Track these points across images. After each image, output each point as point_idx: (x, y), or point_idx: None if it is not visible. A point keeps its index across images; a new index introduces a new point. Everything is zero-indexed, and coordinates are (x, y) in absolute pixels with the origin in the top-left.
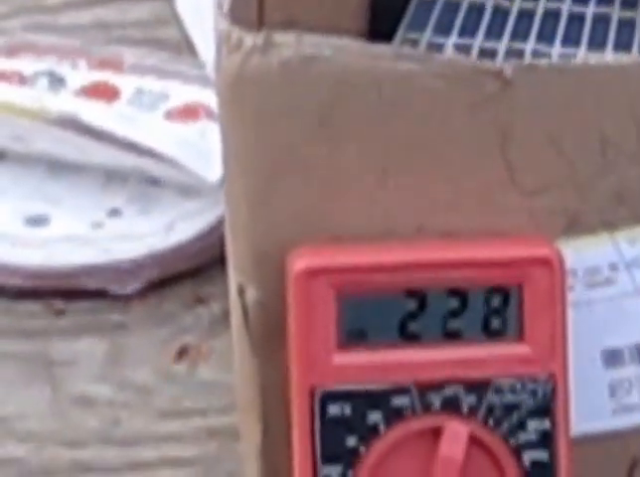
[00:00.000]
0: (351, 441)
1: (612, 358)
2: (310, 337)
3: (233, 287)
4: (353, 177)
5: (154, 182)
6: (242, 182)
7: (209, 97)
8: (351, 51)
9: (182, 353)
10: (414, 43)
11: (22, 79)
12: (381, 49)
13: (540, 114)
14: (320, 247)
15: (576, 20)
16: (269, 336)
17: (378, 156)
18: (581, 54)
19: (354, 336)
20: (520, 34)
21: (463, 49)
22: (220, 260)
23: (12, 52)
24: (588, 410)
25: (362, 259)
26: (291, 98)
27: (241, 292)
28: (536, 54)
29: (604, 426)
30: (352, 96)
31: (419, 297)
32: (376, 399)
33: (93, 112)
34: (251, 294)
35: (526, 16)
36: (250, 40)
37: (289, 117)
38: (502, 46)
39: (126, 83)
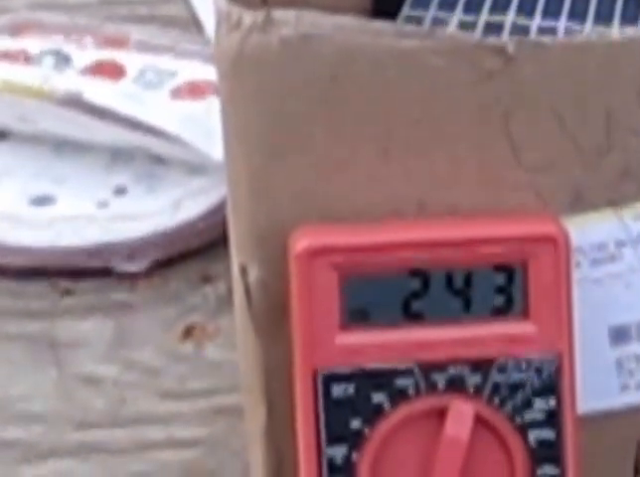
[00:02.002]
0: (355, 422)
1: (619, 335)
2: (312, 317)
3: (235, 267)
4: (354, 155)
5: (160, 160)
6: (243, 161)
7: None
8: (351, 28)
9: (188, 332)
10: (419, 20)
11: (27, 59)
12: (381, 26)
13: (543, 90)
14: (322, 227)
15: None
16: (272, 316)
17: (379, 134)
18: (588, 28)
19: (357, 316)
20: (525, 9)
21: (468, 25)
22: (226, 239)
23: (17, 30)
24: (595, 388)
25: (364, 239)
26: (291, 77)
27: (244, 272)
28: (541, 29)
29: (612, 404)
30: (353, 74)
31: (423, 276)
32: (379, 380)
33: (99, 91)
34: (254, 274)
35: None
36: (250, 18)
37: (290, 96)
38: (507, 21)
39: (132, 62)
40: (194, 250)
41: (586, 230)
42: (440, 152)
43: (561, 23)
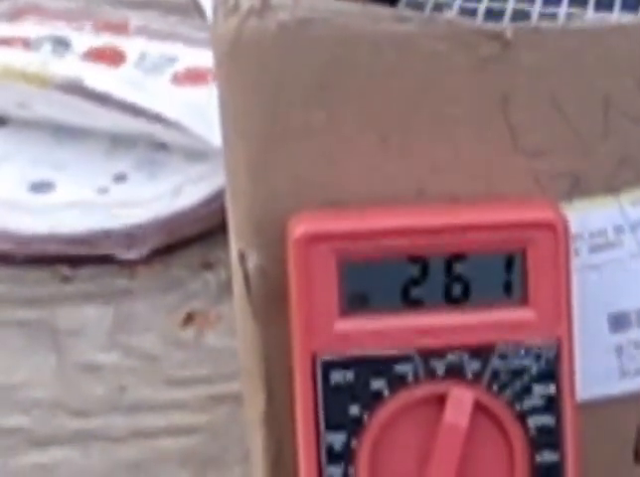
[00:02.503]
0: (354, 409)
1: (619, 321)
2: (311, 303)
3: (233, 253)
4: (353, 141)
5: (160, 147)
6: (241, 147)
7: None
8: (350, 13)
9: (189, 319)
10: (420, 5)
11: (26, 44)
12: (380, 11)
13: (541, 76)
14: (320, 213)
15: None
16: (271, 302)
17: (378, 120)
18: (589, 14)
19: (356, 302)
20: None
21: (469, 11)
22: (226, 225)
23: (16, 16)
24: (595, 375)
25: (363, 225)
26: (289, 62)
27: (242, 258)
28: (543, 15)
29: (611, 390)
30: (351, 59)
31: (422, 262)
32: (379, 366)
33: (99, 76)
34: (252, 260)
35: None
36: (247, 3)
37: (287, 81)
38: (508, 8)
39: (132, 47)
40: (194, 237)
41: (585, 216)
42: (439, 138)
43: (563, 9)
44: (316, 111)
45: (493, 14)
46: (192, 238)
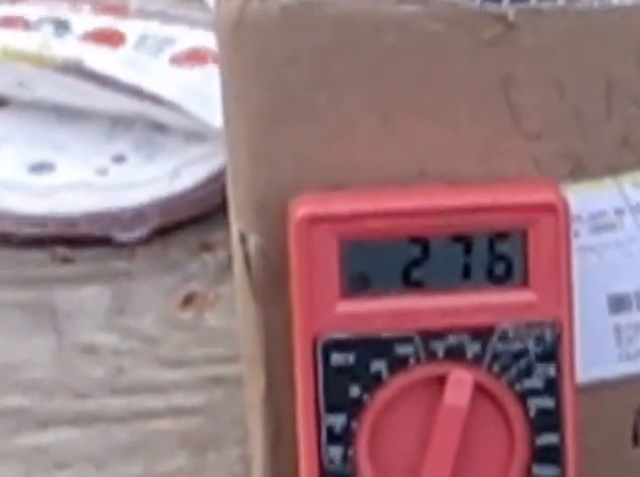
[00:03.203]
0: (354, 390)
1: (618, 303)
2: (312, 285)
3: (234, 235)
4: (354, 122)
5: (159, 128)
6: (243, 128)
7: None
8: None
9: (188, 300)
10: None
11: (26, 25)
12: None
13: (543, 58)
14: (321, 194)
15: None
16: (272, 283)
17: (379, 101)
18: None
19: (357, 283)
20: None
21: None
22: (225, 207)
23: None
24: (594, 357)
25: (364, 206)
26: (292, 43)
27: (243, 240)
28: None
29: (611, 373)
30: (353, 41)
31: (423, 244)
32: (379, 348)
33: (98, 58)
34: (253, 241)
35: None
36: None
37: (290, 62)
38: None
39: (131, 28)
40: (193, 218)
41: (586, 198)
42: (440, 119)
43: None
44: (318, 93)
45: None
46: (190, 219)
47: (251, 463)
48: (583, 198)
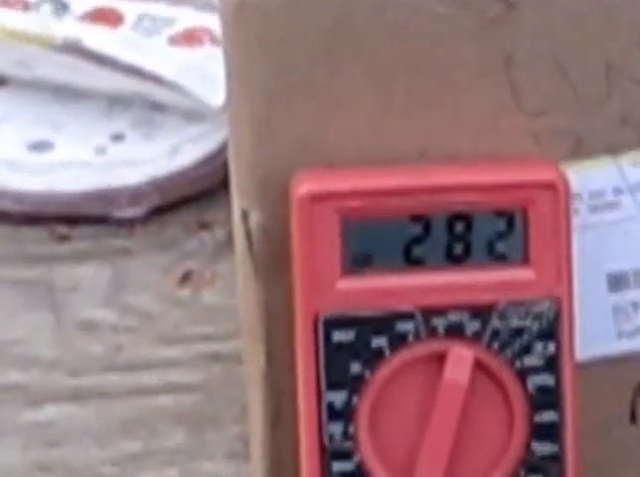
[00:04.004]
0: (355, 367)
1: (617, 281)
2: (314, 262)
3: (236, 212)
4: (356, 101)
5: (158, 107)
6: (246, 106)
7: (213, 23)
8: None
9: (185, 278)
10: None
11: (25, 5)
12: None
13: (545, 37)
14: (323, 172)
15: None
16: (273, 261)
17: (381, 80)
18: None
19: (358, 261)
20: None
21: None
22: (223, 185)
23: None
24: (593, 335)
25: (366, 184)
26: (294, 23)
27: (245, 217)
28: None
29: (609, 350)
30: (355, 21)
31: (424, 222)
32: (380, 325)
33: (97, 38)
34: (255, 219)
35: None
36: None
37: (292, 41)
38: None
39: (130, 9)
40: (191, 197)
41: (585, 177)
42: (442, 98)
43: None
44: (320, 72)
45: None
46: (188, 198)
47: (250, 440)
48: (583, 176)
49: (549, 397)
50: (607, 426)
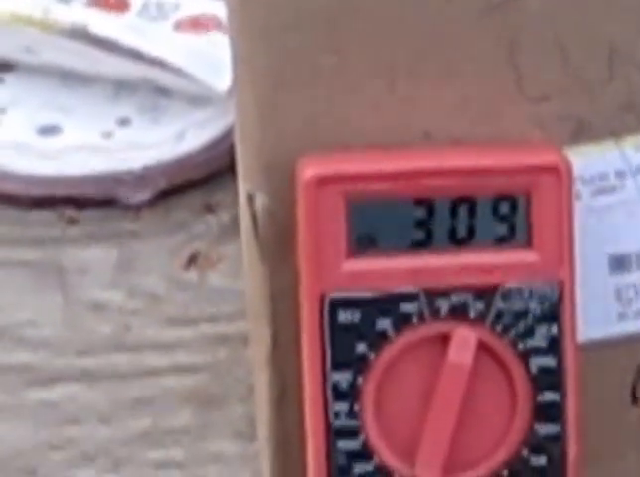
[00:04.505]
0: (360, 347)
1: (619, 264)
2: (319, 244)
3: (242, 195)
4: (361, 85)
5: (163, 92)
6: (251, 90)
7: (219, 9)
8: None
9: (192, 260)
10: None
11: None
12: None
13: (548, 22)
14: (329, 155)
15: None
16: (279, 243)
17: (385, 64)
18: None
19: (363, 243)
20: None
21: None
22: (228, 169)
23: None
24: (595, 317)
25: (371, 167)
26: (298, 7)
27: (251, 200)
28: None
29: (611, 332)
30: (359, 5)
31: (428, 204)
32: (385, 306)
33: (103, 23)
34: (261, 202)
35: None
36: None
37: (296, 26)
38: None
39: None
40: (197, 181)
41: (588, 160)
42: (446, 82)
43: None
44: (325, 56)
45: None
46: (194, 181)
47: (256, 420)
48: (586, 160)
49: (551, 379)
50: (608, 408)
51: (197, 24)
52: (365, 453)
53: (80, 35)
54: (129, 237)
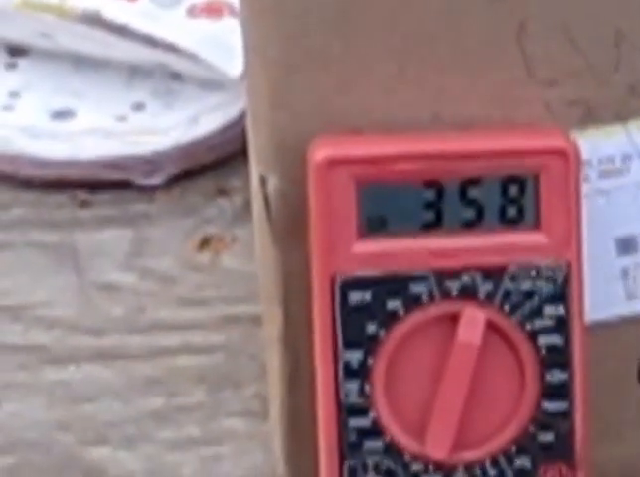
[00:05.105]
0: (371, 327)
1: (626, 246)
2: (331, 226)
3: (254, 178)
4: (371, 69)
5: (177, 77)
6: (263, 74)
7: None
8: None
9: (204, 243)
10: None
11: None
12: None
13: (555, 6)
14: (340, 138)
15: None
16: (291, 225)
17: (395, 49)
18: None
19: (373, 225)
20: None
21: None
22: (241, 154)
23: None
24: (602, 298)
25: (381, 150)
26: None
27: (263, 182)
28: None
29: (617, 313)
30: None
31: (437, 187)
32: (395, 286)
33: (117, 10)
34: (273, 184)
35: None
36: None
37: (307, 12)
38: None
39: None
40: (210, 164)
41: (595, 144)
42: (455, 66)
43: None
44: (336, 39)
45: None
46: (207, 165)
47: (268, 399)
48: (593, 144)
49: (559, 357)
50: (615, 387)
51: (210, 10)
52: (375, 431)
53: (95, 20)
54: (143, 219)
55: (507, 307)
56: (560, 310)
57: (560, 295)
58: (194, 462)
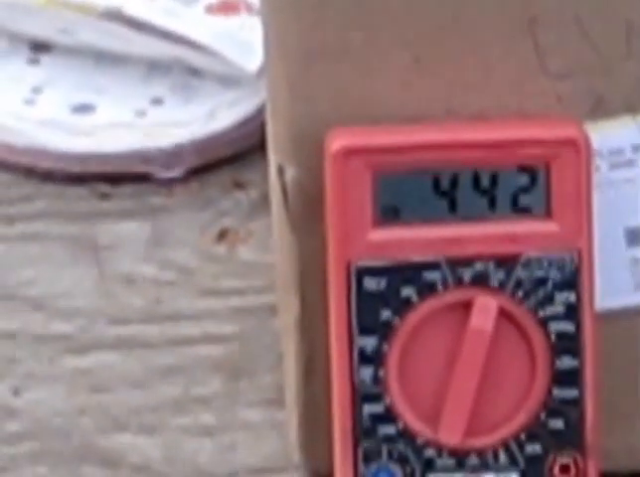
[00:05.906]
0: (385, 314)
1: (635, 236)
2: (346, 214)
3: (272, 168)
4: (387, 61)
5: (195, 72)
6: (282, 66)
7: None
8: None
9: (222, 235)
10: None
11: None
12: None
13: None
14: (356, 128)
15: None
16: (307, 213)
17: (411, 40)
18: None
19: (388, 213)
20: None
21: None
22: (258, 148)
23: None
24: (611, 287)
25: (396, 140)
26: None
27: (281, 172)
28: None
29: (626, 302)
30: None
31: (451, 176)
32: (409, 274)
33: (137, 7)
34: (290, 174)
35: None
36: None
37: (325, 3)
38: None
39: None
40: (227, 158)
41: (605, 135)
42: (470, 58)
43: None
44: (354, 31)
45: None
46: (224, 159)
47: (284, 388)
48: (603, 135)
49: (569, 344)
50: (625, 375)
51: (228, 7)
52: (389, 417)
53: (115, 17)
54: (162, 212)
55: (519, 295)
56: (571, 297)
57: (571, 283)
58: (210, 450)
